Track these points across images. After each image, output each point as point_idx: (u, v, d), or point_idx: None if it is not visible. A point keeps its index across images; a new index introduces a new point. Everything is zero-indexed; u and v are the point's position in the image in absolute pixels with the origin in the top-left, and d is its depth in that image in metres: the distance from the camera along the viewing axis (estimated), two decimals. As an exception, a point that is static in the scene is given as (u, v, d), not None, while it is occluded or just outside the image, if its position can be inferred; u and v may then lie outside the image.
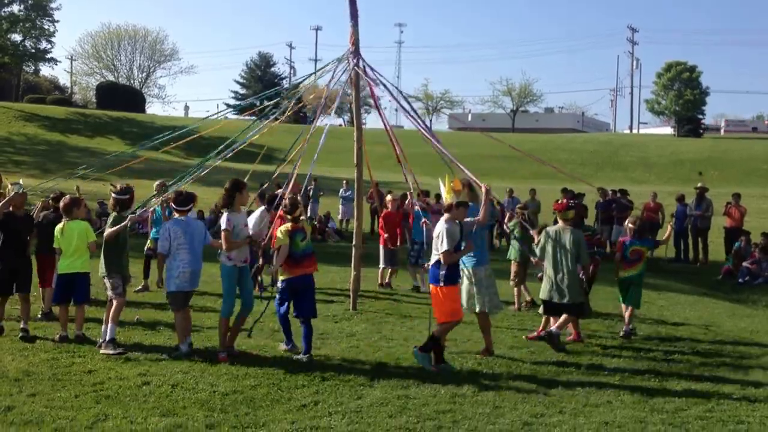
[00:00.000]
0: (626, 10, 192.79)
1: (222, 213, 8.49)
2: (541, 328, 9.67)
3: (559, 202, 9.74)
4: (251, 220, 9.63)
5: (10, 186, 9.12)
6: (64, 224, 9.09)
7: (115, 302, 8.49)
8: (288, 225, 8.36)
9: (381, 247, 13.75)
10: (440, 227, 8.12)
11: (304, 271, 8.35)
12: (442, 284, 8.03)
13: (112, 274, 8.64)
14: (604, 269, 11.98)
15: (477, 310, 8.73)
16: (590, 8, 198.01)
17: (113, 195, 8.82)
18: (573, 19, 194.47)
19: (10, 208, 9.02)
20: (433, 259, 8.19)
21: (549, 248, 9.25)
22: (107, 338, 8.29)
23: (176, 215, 8.50)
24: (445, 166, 10.99)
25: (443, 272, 8.01)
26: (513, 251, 12.00)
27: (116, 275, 8.65)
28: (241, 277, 8.35)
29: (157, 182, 12.60)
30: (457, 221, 8.16)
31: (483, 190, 8.55)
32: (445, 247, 7.93)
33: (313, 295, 8.48)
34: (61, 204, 9.17)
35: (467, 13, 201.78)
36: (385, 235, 13.60)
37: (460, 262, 8.42)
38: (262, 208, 10.89)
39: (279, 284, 8.65)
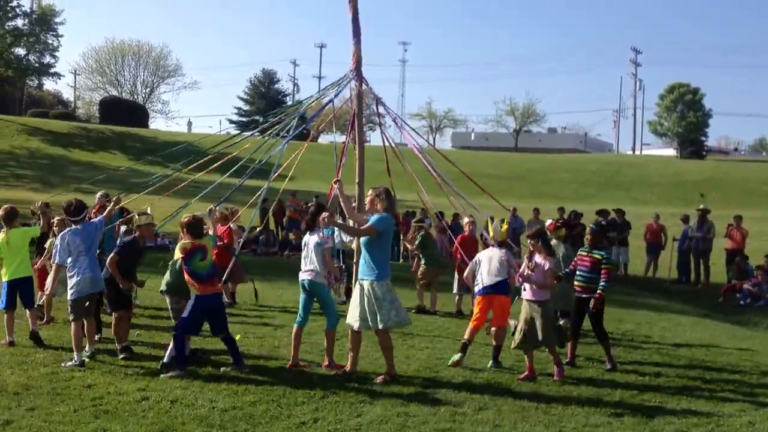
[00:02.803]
0: (630, 31, 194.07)
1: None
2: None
3: (550, 223, 11.00)
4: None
5: (137, 216, 9.21)
6: (8, 233, 9.34)
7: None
8: (187, 243, 8.26)
9: (456, 273, 13.14)
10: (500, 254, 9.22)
11: (214, 290, 8.36)
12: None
13: (182, 293, 8.53)
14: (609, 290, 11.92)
15: (380, 327, 8.10)
16: (593, 29, 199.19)
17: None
18: (576, 40, 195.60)
19: (137, 234, 9.17)
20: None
21: None
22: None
23: (73, 225, 8.71)
24: (446, 183, 11.03)
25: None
26: (424, 258, 13.52)
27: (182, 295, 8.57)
28: None
29: (99, 193, 12.50)
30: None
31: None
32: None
33: (224, 312, 8.56)
34: (2, 213, 9.40)
35: (472, 33, 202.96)
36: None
37: (361, 274, 8.34)
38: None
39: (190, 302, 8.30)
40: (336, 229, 12.62)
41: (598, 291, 9.15)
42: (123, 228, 10.93)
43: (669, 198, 43.02)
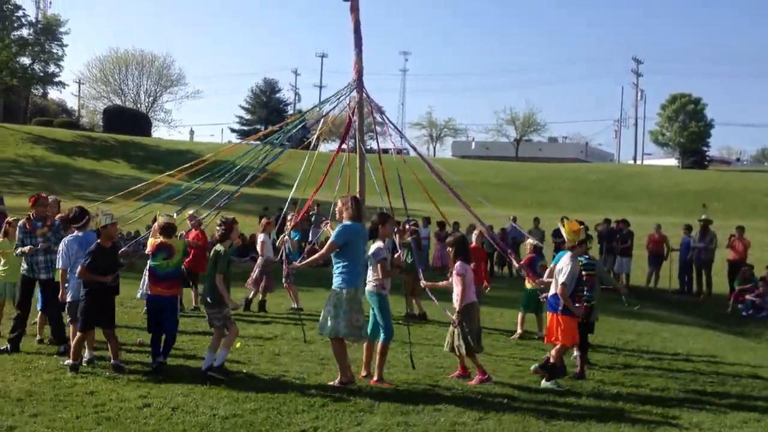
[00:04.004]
0: (631, 41, 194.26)
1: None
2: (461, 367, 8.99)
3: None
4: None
5: (100, 215, 8.81)
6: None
7: (230, 330, 8.47)
8: (156, 240, 8.78)
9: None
10: (565, 262, 8.76)
11: (166, 292, 8.54)
12: (559, 312, 8.72)
13: (222, 303, 8.55)
14: (610, 299, 11.93)
15: (327, 335, 8.17)
16: (594, 39, 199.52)
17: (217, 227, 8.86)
18: (578, 50, 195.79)
19: (98, 240, 8.65)
20: (553, 290, 8.87)
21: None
22: (218, 364, 8.31)
23: (75, 231, 9.01)
24: (445, 193, 11.06)
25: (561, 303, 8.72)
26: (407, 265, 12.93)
27: (225, 305, 8.61)
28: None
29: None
30: (578, 258, 8.93)
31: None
32: (562, 280, 8.61)
33: (174, 316, 8.68)
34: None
35: (472, 42, 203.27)
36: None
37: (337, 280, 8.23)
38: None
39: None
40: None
41: (583, 302, 9.16)
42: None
43: (670, 208, 42.93)
